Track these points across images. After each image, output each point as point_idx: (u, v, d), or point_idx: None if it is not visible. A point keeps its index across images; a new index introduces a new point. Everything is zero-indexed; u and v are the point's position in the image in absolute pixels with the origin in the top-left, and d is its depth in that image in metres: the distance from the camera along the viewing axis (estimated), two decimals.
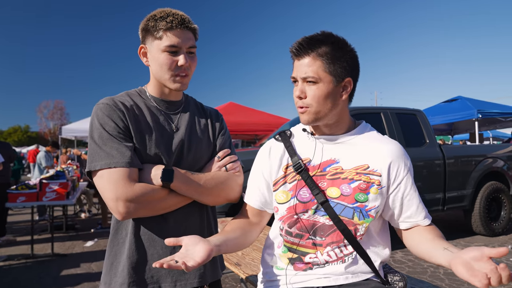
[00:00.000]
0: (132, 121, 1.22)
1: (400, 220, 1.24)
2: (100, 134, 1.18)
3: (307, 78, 1.16)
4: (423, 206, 1.24)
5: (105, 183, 1.14)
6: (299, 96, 1.19)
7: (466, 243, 5.37)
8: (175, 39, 1.21)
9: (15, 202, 4.85)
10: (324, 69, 1.16)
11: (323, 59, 1.16)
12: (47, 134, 47.20)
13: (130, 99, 1.29)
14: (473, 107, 9.41)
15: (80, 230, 6.83)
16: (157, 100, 1.33)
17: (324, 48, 1.16)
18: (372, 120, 5.00)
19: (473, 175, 5.51)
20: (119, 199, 1.12)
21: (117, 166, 1.14)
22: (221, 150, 1.39)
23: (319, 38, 1.18)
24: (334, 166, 1.22)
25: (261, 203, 1.34)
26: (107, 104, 1.22)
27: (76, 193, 5.96)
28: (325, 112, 1.19)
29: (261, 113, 11.17)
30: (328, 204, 1.18)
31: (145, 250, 1.23)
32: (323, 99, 1.17)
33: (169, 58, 1.22)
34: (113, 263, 1.25)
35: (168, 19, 1.20)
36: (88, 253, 5.21)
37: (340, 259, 1.19)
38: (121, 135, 1.19)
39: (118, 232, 1.27)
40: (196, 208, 1.32)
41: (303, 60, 1.18)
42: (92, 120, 1.23)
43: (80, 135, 11.28)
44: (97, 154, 1.17)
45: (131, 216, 1.18)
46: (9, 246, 5.65)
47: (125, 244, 1.23)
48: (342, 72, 1.18)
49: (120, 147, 1.17)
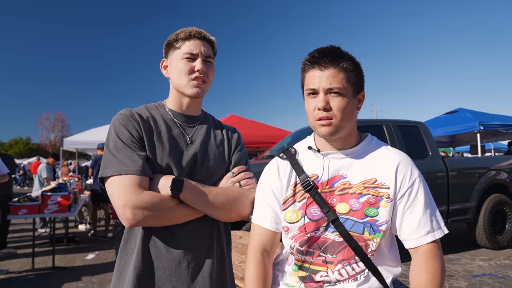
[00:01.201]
0: (146, 131, 1.25)
1: (402, 238, 1.20)
2: (115, 143, 1.21)
3: (333, 89, 1.14)
4: (429, 220, 1.16)
5: (114, 189, 1.16)
6: (324, 107, 1.15)
7: (471, 256, 5.31)
8: (192, 47, 1.30)
9: (17, 215, 4.83)
10: (348, 80, 1.16)
11: (346, 71, 1.16)
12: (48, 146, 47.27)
13: (148, 111, 1.33)
14: (474, 119, 9.42)
15: (80, 242, 6.78)
16: (175, 114, 1.36)
17: (345, 61, 1.17)
18: (374, 132, 5.00)
19: (476, 187, 5.49)
20: (127, 205, 1.13)
21: (127, 173, 1.16)
22: (236, 166, 1.40)
23: (338, 51, 1.18)
24: (342, 181, 1.21)
25: (275, 224, 1.27)
26: (124, 114, 1.26)
27: (77, 206, 5.94)
28: (345, 125, 1.18)
29: (263, 125, 11.18)
30: (338, 221, 1.16)
31: (151, 262, 1.23)
32: (347, 111, 1.17)
33: (187, 64, 1.29)
34: (122, 273, 1.26)
35: (187, 31, 1.32)
36: (89, 266, 5.16)
37: (352, 277, 1.17)
38: (135, 144, 1.22)
39: (128, 242, 1.27)
40: (206, 224, 1.30)
41: (326, 71, 1.15)
42: (109, 130, 1.26)
43: (81, 147, 11.28)
44: (110, 162, 1.19)
45: (139, 224, 1.18)
46: (10, 259, 5.60)
47: (133, 255, 1.24)
48: (359, 85, 1.21)
49: (133, 155, 1.19)
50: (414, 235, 1.16)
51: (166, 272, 1.23)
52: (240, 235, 3.27)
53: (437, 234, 1.17)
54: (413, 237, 1.17)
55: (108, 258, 5.59)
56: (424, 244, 1.16)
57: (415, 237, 1.16)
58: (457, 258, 5.27)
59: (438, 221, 1.19)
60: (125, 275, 1.24)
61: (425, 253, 1.16)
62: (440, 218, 1.20)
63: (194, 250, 1.27)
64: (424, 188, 1.20)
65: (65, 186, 5.44)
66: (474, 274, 4.51)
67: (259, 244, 1.28)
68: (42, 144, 50.29)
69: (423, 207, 1.17)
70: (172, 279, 1.23)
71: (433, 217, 1.18)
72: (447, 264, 4.94)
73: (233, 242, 2.99)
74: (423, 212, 1.17)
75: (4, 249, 5.85)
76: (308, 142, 1.33)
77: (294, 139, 5.47)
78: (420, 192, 1.19)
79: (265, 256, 1.28)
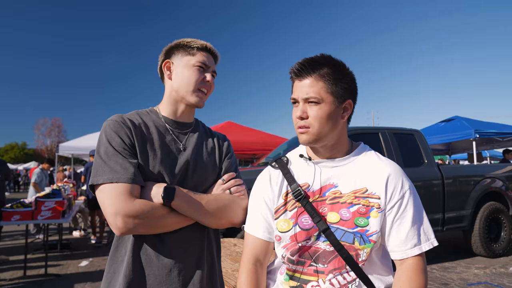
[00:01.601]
0: (138, 138, 1.24)
1: (389, 249, 1.19)
2: (106, 149, 1.20)
3: (310, 99, 1.16)
4: (417, 233, 1.16)
5: (105, 197, 1.15)
6: (300, 116, 1.18)
7: (466, 264, 5.30)
8: (206, 59, 1.34)
9: (10, 221, 4.77)
10: (326, 90, 1.16)
11: (325, 80, 1.16)
12: (44, 152, 47.00)
13: (139, 117, 1.32)
14: (470, 127, 9.49)
15: (74, 249, 6.71)
16: (168, 120, 1.36)
17: (326, 70, 1.17)
18: (370, 140, 5.02)
19: (472, 195, 5.50)
20: (118, 214, 1.12)
21: (119, 181, 1.14)
22: (226, 173, 1.40)
23: (320, 60, 1.19)
24: (333, 190, 1.21)
25: (268, 233, 1.27)
26: (115, 120, 1.25)
27: (72, 212, 5.88)
28: (325, 133, 1.18)
29: (259, 132, 11.19)
30: (329, 231, 1.16)
31: (142, 270, 1.22)
32: (325, 120, 1.17)
33: (198, 73, 1.32)
34: (111, 281, 1.24)
35: (203, 43, 1.35)
36: (83, 274, 5.10)
37: (344, 287, 1.16)
38: (126, 151, 1.21)
39: (118, 250, 1.26)
40: (197, 232, 1.30)
41: (304, 80, 1.18)
42: (100, 136, 1.25)
43: (77, 152, 11.24)
44: (101, 169, 1.18)
45: (130, 233, 1.17)
46: (1, 266, 5.53)
47: (123, 263, 1.22)
48: (343, 93, 1.19)
49: (124, 163, 1.18)
50: (401, 247, 1.16)
51: (156, 280, 1.21)
52: (234, 242, 3.25)
53: (424, 247, 1.16)
54: (400, 249, 1.16)
55: (102, 265, 5.53)
56: (410, 257, 1.15)
57: (402, 249, 1.15)
58: (453, 266, 5.26)
59: (427, 233, 1.18)
60: (115, 283, 1.22)
61: (411, 267, 1.15)
62: (430, 230, 1.19)
63: (185, 257, 1.26)
64: (414, 200, 1.19)
65: (59, 192, 5.39)
66: (469, 283, 4.50)
67: (252, 254, 1.28)
68: (38, 149, 50.02)
69: (411, 220, 1.16)
70: (163, 286, 1.21)
71: (421, 230, 1.17)
72: (442, 272, 4.93)
73: (227, 250, 2.97)
74: (411, 224, 1.16)
75: None
76: (300, 150, 1.34)
77: (290, 146, 5.47)
78: (410, 204, 1.18)
79: (258, 266, 1.28)
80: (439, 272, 4.98)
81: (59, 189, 5.59)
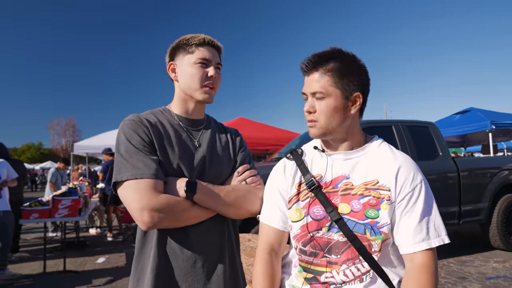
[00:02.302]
0: (156, 136, 1.28)
1: (397, 243, 1.17)
2: (127, 148, 1.23)
3: (316, 93, 1.19)
4: (426, 227, 1.13)
5: (130, 193, 1.17)
6: (308, 110, 1.22)
7: (484, 258, 5.21)
8: (206, 53, 1.34)
9: (29, 219, 4.90)
10: (331, 84, 1.18)
11: (331, 74, 1.18)
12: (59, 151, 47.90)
13: (154, 116, 1.35)
14: (486, 118, 9.29)
15: (91, 246, 6.84)
16: (181, 118, 1.39)
17: (332, 64, 1.18)
18: (384, 133, 4.96)
19: (489, 187, 5.40)
20: (144, 208, 1.15)
21: (143, 177, 1.18)
22: (241, 166, 1.44)
23: (327, 54, 1.21)
24: (345, 181, 1.22)
25: (283, 223, 1.29)
26: (132, 120, 1.28)
27: (88, 210, 5.99)
28: (333, 127, 1.20)
29: (271, 128, 11.17)
30: (342, 221, 1.16)
31: (169, 263, 1.26)
32: (331, 114, 1.19)
33: (200, 70, 1.32)
34: (140, 279, 1.27)
35: (200, 37, 1.35)
36: (100, 270, 5.19)
37: (358, 278, 1.16)
38: (147, 148, 1.24)
39: (144, 247, 1.29)
40: (217, 224, 1.34)
41: (312, 75, 1.21)
42: (118, 135, 1.27)
43: (91, 151, 11.40)
44: (124, 166, 1.20)
45: (155, 227, 1.20)
46: (22, 263, 5.67)
47: (150, 258, 1.26)
48: (350, 87, 1.19)
49: (146, 159, 1.21)
50: (408, 240, 1.13)
51: (182, 272, 1.26)
52: (249, 238, 3.26)
53: (433, 242, 1.12)
54: (407, 243, 1.13)
55: (119, 262, 5.63)
56: (419, 254, 1.12)
57: (410, 243, 1.13)
58: (470, 260, 5.18)
59: (438, 229, 1.14)
60: (143, 279, 1.26)
61: (420, 267, 1.11)
62: (441, 226, 1.15)
63: (207, 249, 1.31)
64: (426, 194, 1.17)
65: (75, 191, 5.49)
66: (488, 276, 4.43)
67: (267, 243, 1.30)
68: (54, 149, 50.98)
69: (421, 214, 1.14)
70: (188, 278, 1.26)
71: (431, 225, 1.14)
72: (460, 266, 4.87)
73: (242, 245, 2.98)
74: (420, 218, 1.14)
75: (16, 253, 5.93)
76: (315, 142, 1.36)
77: (302, 141, 5.45)
78: (421, 198, 1.15)
79: (273, 256, 1.30)
80: (456, 265, 4.91)
81: (75, 188, 5.70)
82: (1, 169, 4.84)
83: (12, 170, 5.03)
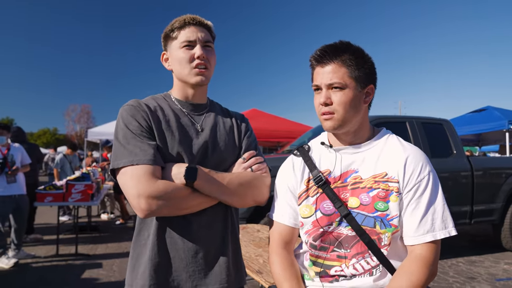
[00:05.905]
0: (155, 121, 1.25)
1: (403, 234, 1.17)
2: (124, 134, 1.21)
3: (334, 84, 1.17)
4: (431, 219, 1.13)
5: (127, 179, 1.15)
6: (324, 102, 1.18)
7: (495, 259, 5.15)
8: (189, 34, 1.28)
9: (43, 202, 5.02)
10: (349, 75, 1.17)
11: (348, 65, 1.17)
12: (74, 137, 48.62)
13: (155, 101, 1.32)
14: (503, 117, 9.07)
15: (102, 231, 6.97)
16: (182, 103, 1.36)
17: (347, 55, 1.18)
18: (397, 129, 4.90)
19: (503, 188, 5.29)
20: (141, 195, 1.11)
21: (139, 163, 1.14)
22: (246, 152, 1.38)
23: (340, 46, 1.20)
24: (354, 175, 1.22)
25: (294, 220, 1.30)
26: (131, 105, 1.26)
27: (100, 195, 6.10)
28: (349, 118, 1.19)
29: (284, 120, 11.15)
30: (351, 216, 1.17)
31: (167, 253, 1.23)
32: (349, 105, 1.18)
33: (186, 52, 1.28)
34: (135, 265, 1.26)
35: (181, 19, 1.30)
36: (111, 254, 5.31)
37: (368, 272, 1.16)
38: (144, 134, 1.21)
39: (141, 234, 1.27)
40: (220, 213, 1.30)
41: (327, 67, 1.19)
42: (117, 121, 1.26)
43: (105, 138, 11.57)
44: (121, 153, 1.18)
45: (153, 214, 1.16)
46: (36, 245, 5.83)
47: (147, 246, 1.23)
48: (365, 78, 1.20)
49: (143, 145, 1.18)
50: (413, 232, 1.13)
51: (182, 262, 1.22)
52: (258, 228, 3.29)
53: (438, 234, 1.12)
54: (412, 234, 1.14)
55: (129, 248, 5.70)
56: (420, 246, 1.12)
57: (414, 234, 1.13)
58: (480, 260, 5.12)
59: (445, 221, 1.14)
60: (139, 266, 1.24)
61: (415, 259, 1.12)
62: (448, 218, 1.15)
63: (210, 239, 1.26)
64: (434, 186, 1.16)
65: (88, 176, 5.60)
66: (498, 278, 4.38)
67: (279, 239, 1.31)
68: (68, 135, 51.78)
69: (427, 205, 1.14)
70: (189, 269, 1.22)
71: (437, 217, 1.14)
72: (469, 266, 4.82)
73: (251, 236, 3.00)
74: (426, 210, 1.13)
75: (31, 235, 6.09)
76: (322, 138, 1.36)
77: (315, 134, 5.40)
78: (428, 189, 1.15)
79: (288, 250, 1.32)
80: (466, 265, 4.86)
81: (88, 173, 5.81)
82: (16, 154, 4.96)
83: (26, 155, 5.15)
